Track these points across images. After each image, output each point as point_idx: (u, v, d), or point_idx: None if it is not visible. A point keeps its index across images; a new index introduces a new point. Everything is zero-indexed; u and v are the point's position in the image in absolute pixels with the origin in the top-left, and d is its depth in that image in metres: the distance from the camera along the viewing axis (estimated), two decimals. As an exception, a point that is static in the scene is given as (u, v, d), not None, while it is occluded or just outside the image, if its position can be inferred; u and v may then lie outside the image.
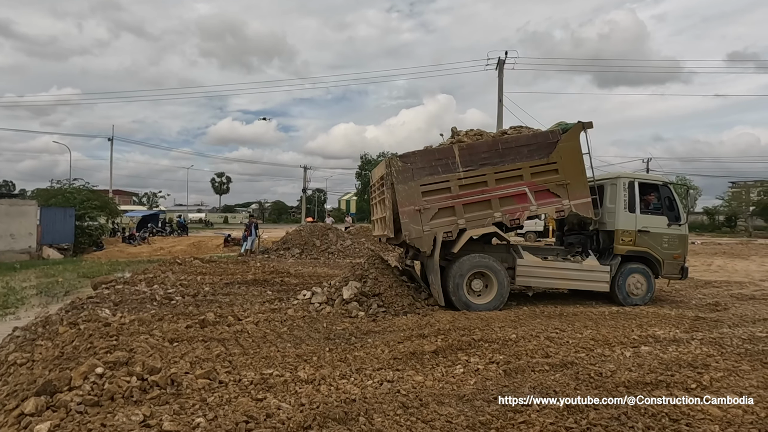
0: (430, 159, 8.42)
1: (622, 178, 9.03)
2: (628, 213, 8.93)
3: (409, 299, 8.23)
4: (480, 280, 8.49)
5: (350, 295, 8.10)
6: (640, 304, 8.90)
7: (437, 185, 8.36)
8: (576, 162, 8.74)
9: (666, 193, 9.24)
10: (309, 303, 8.42)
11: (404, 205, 8.23)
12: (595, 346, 5.89)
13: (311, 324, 7.04)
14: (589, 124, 8.85)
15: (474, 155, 8.51)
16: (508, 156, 8.59)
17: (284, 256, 18.13)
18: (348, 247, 19.00)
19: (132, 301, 8.47)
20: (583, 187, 8.73)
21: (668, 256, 9.09)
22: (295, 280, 11.87)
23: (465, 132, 9.28)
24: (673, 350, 5.74)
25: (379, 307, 7.87)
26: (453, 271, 8.28)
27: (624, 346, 5.95)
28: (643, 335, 6.47)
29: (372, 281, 8.42)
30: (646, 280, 9.04)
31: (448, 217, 8.38)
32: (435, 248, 8.22)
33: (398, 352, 5.48)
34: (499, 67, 28.17)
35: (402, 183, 8.26)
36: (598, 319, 7.58)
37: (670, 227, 9.11)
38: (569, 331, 6.70)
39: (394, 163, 8.28)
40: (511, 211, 8.55)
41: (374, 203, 9.76)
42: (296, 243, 18.88)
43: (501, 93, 27.96)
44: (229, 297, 9.25)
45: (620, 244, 8.92)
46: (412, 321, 7.23)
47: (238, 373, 4.68)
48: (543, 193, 8.67)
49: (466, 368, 4.98)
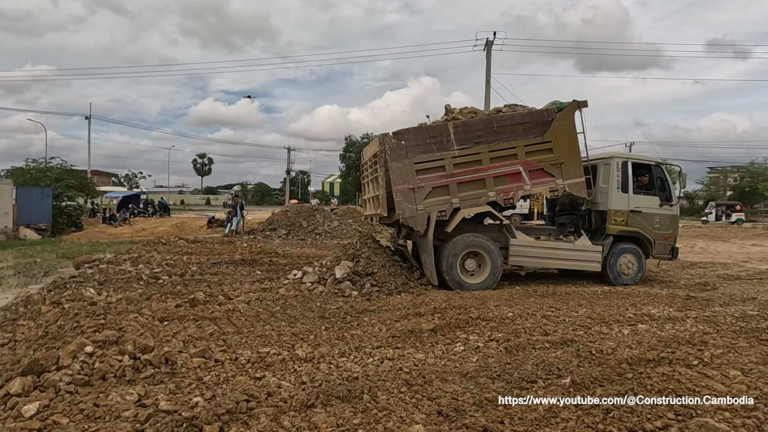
0: (425, 136, 8.26)
1: (615, 158, 8.99)
2: (620, 193, 8.91)
3: (402, 278, 8.13)
4: (473, 259, 8.43)
5: (343, 275, 7.97)
6: (631, 284, 8.95)
7: (431, 163, 8.22)
8: (571, 141, 8.67)
9: (658, 173, 9.23)
10: (300, 282, 8.27)
11: (398, 184, 8.08)
12: (592, 324, 5.87)
13: (304, 303, 6.90)
14: (584, 103, 8.77)
15: (469, 133, 8.37)
16: (503, 134, 8.47)
17: (270, 236, 17.89)
18: (335, 228, 18.82)
19: (117, 281, 8.22)
20: (577, 166, 8.68)
21: (659, 236, 9.13)
22: (284, 260, 11.69)
23: (459, 110, 9.12)
24: (669, 328, 5.75)
25: (372, 286, 7.76)
26: (446, 251, 8.19)
27: (620, 324, 5.94)
28: (638, 314, 6.48)
29: (365, 261, 8.29)
30: (637, 260, 9.08)
31: (442, 196, 8.26)
32: (429, 227, 8.11)
33: (396, 331, 5.38)
34: (487, 48, 27.87)
35: (395, 161, 8.10)
36: (591, 298, 7.58)
37: (662, 208, 9.13)
38: (564, 309, 6.68)
39: (387, 140, 8.10)
40: (506, 190, 8.47)
41: (366, 182, 9.59)
42: (282, 224, 18.64)
43: (489, 74, 27.74)
44: (218, 276, 9.05)
45: (612, 224, 8.91)
46: (407, 300, 7.14)
47: (233, 351, 4.54)
48: (537, 173, 8.59)
49: (466, 346, 4.90)
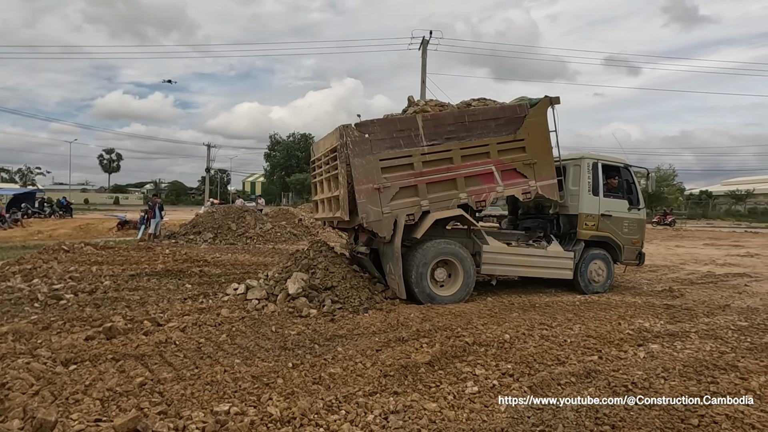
0: (392, 130, 7.26)
1: (586, 158, 8.50)
2: (591, 196, 8.43)
3: (366, 292, 7.06)
4: (443, 268, 7.54)
5: (297, 290, 6.75)
6: (601, 292, 8.50)
7: (399, 160, 7.23)
8: (543, 140, 8.06)
9: (626, 175, 8.89)
10: (245, 299, 6.95)
11: (361, 183, 7.01)
12: (598, 346, 5.16)
13: (256, 328, 5.63)
14: (556, 100, 8.17)
15: (439, 128, 7.48)
16: (474, 130, 7.68)
17: (195, 241, 16.02)
18: (268, 231, 17.27)
19: (3, 303, 6.44)
20: (549, 167, 8.08)
21: (628, 241, 8.78)
22: (216, 269, 10.17)
23: (425, 101, 8.23)
24: (680, 347, 5.17)
25: (333, 303, 6.62)
26: (416, 260, 7.23)
27: (627, 343, 5.28)
28: (634, 329, 5.89)
29: (322, 272, 7.13)
30: (607, 267, 8.66)
31: (410, 198, 7.30)
32: (396, 233, 7.12)
33: (384, 366, 4.32)
34: (422, 47, 27.42)
35: (359, 156, 7.02)
36: (574, 310, 6.95)
37: (630, 211, 8.79)
38: (557, 326, 5.95)
39: (349, 132, 7.01)
40: (477, 191, 7.67)
41: (318, 181, 8.40)
42: (208, 226, 16.79)
43: (424, 74, 27.25)
44: (139, 293, 7.46)
45: (584, 229, 8.41)
46: (378, 319, 6.09)
47: (177, 414, 3.25)
48: (510, 173, 7.89)
49: (480, 385, 3.95)
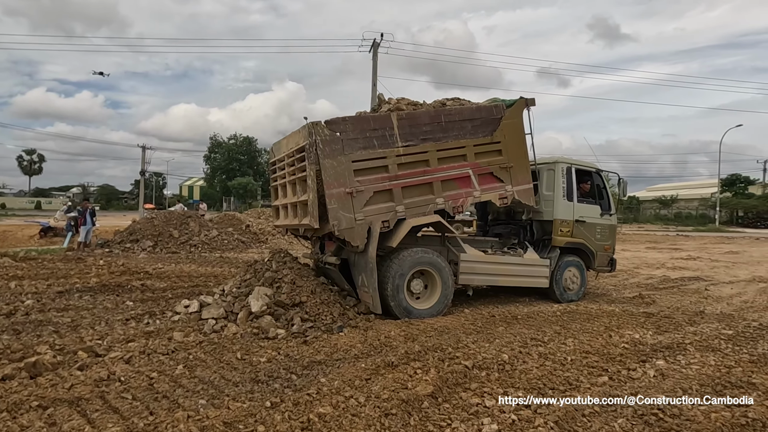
0: (365, 128, 6.64)
1: (560, 163, 8.24)
2: (566, 201, 8.18)
3: (338, 308, 6.38)
4: (419, 279, 6.99)
5: (261, 307, 5.97)
6: (575, 300, 8.26)
7: (372, 162, 6.63)
8: (519, 143, 7.73)
9: (598, 180, 8.73)
10: (199, 319, 6.08)
11: (332, 186, 6.34)
12: (601, 363, 4.78)
13: (217, 355, 4.82)
14: (531, 101, 7.87)
15: (415, 127, 6.95)
16: (451, 131, 7.21)
17: (132, 250, 14.61)
18: (214, 238, 16.08)
19: None
20: (525, 171, 7.75)
21: (600, 247, 8.60)
22: (161, 282, 9.11)
23: (396, 100, 7.66)
24: (684, 362, 4.88)
25: (303, 321, 5.89)
26: (392, 271, 6.63)
27: (629, 359, 4.93)
28: (627, 342, 5.57)
29: (288, 286, 6.37)
30: (581, 274, 8.44)
31: (385, 203, 6.70)
32: (370, 242, 6.49)
33: (381, 401, 3.68)
34: (373, 49, 26.98)
35: (329, 157, 6.35)
36: (559, 321, 6.59)
37: (603, 217, 8.62)
38: (549, 341, 5.54)
39: (319, 130, 6.32)
40: (454, 196, 7.20)
41: (280, 184, 7.62)
42: (147, 234, 15.38)
43: (375, 76, 26.83)
44: (70, 314, 6.39)
45: (558, 235, 8.13)
46: (357, 339, 5.44)
47: (134, 489, 2.47)
48: (486, 177, 7.49)
49: (498, 421, 3.40)
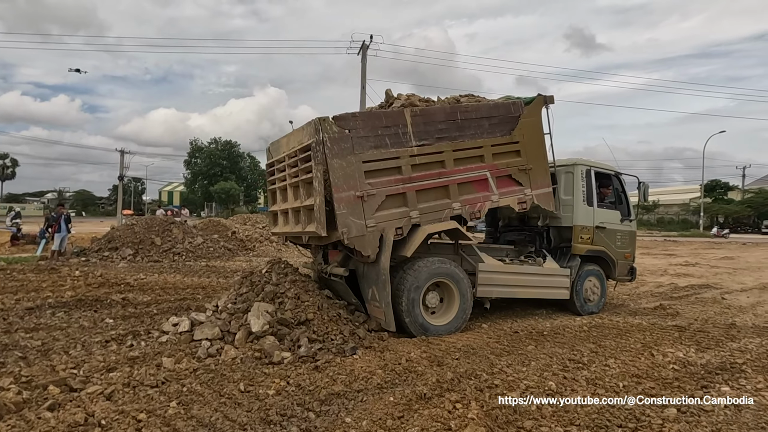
0: (376, 126, 6.00)
1: (579, 165, 7.69)
2: (586, 206, 7.62)
3: (348, 326, 5.69)
4: (435, 292, 6.35)
5: (263, 326, 5.25)
6: (595, 312, 7.71)
7: (385, 163, 5.98)
8: (539, 143, 7.17)
9: (617, 184, 8.21)
10: (191, 340, 5.33)
11: (341, 190, 5.67)
12: (659, 391, 4.19)
13: (217, 387, 4.09)
14: (551, 99, 7.32)
15: (429, 125, 6.34)
16: (467, 129, 6.62)
17: (111, 258, 13.67)
18: (199, 245, 15.21)
19: None
20: (545, 173, 7.20)
21: (621, 255, 8.06)
22: (144, 295, 8.30)
23: (407, 95, 7.02)
24: (751, 388, 4.32)
25: (311, 342, 5.19)
26: (407, 283, 5.98)
27: (688, 385, 4.35)
28: (674, 362, 5.01)
29: (292, 302, 5.66)
30: (601, 284, 7.88)
31: (398, 208, 6.06)
32: (382, 251, 5.83)
33: (426, 449, 3.02)
34: (362, 51, 26.37)
35: (338, 157, 5.68)
36: (589, 338, 6.02)
37: (623, 223, 8.10)
38: (590, 363, 4.95)
39: (326, 127, 5.65)
40: (472, 201, 6.59)
41: (279, 187, 6.92)
42: (128, 241, 14.44)
43: (364, 79, 26.17)
44: (40, 335, 5.57)
45: (579, 243, 7.57)
46: (375, 363, 4.75)
47: None
48: (504, 180, 6.90)
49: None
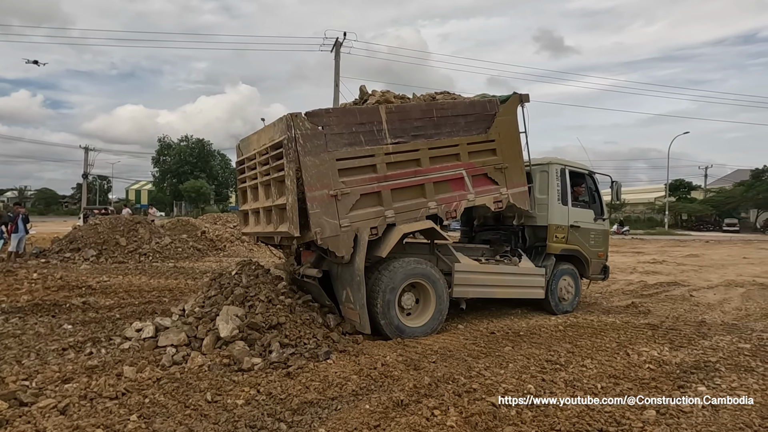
0: (351, 122, 5.83)
1: (554, 164, 7.68)
2: (561, 205, 7.62)
3: (322, 330, 5.51)
4: (411, 293, 6.23)
5: (232, 331, 5.02)
6: (570, 311, 7.72)
7: (359, 161, 5.82)
8: (514, 141, 7.12)
9: (590, 183, 8.24)
10: (155, 347, 5.05)
11: (314, 188, 5.48)
12: (637, 392, 4.15)
13: (182, 397, 3.85)
14: (526, 97, 7.28)
15: (405, 122, 6.20)
16: (443, 127, 6.51)
17: (73, 259, 13.09)
18: (167, 246, 14.73)
19: None
20: (520, 172, 7.14)
21: (594, 254, 8.10)
22: (106, 299, 7.92)
23: (381, 92, 6.87)
24: (726, 387, 4.32)
25: (283, 347, 4.98)
26: (382, 284, 5.83)
27: (665, 385, 4.34)
28: (649, 361, 5.00)
29: (263, 305, 5.45)
30: (575, 283, 7.90)
31: (373, 207, 5.91)
32: (357, 251, 5.67)
33: (404, 461, 2.87)
34: (335, 48, 26.12)
35: (311, 154, 5.50)
36: (565, 337, 5.99)
37: (596, 222, 8.13)
38: (567, 364, 4.90)
39: (299, 123, 5.45)
40: (448, 200, 6.49)
41: (250, 186, 6.68)
42: (90, 242, 13.86)
43: (337, 77, 25.95)
44: (-10, 344, 5.21)
45: (554, 242, 7.56)
46: (349, 368, 4.59)
47: None
48: (480, 179, 6.82)
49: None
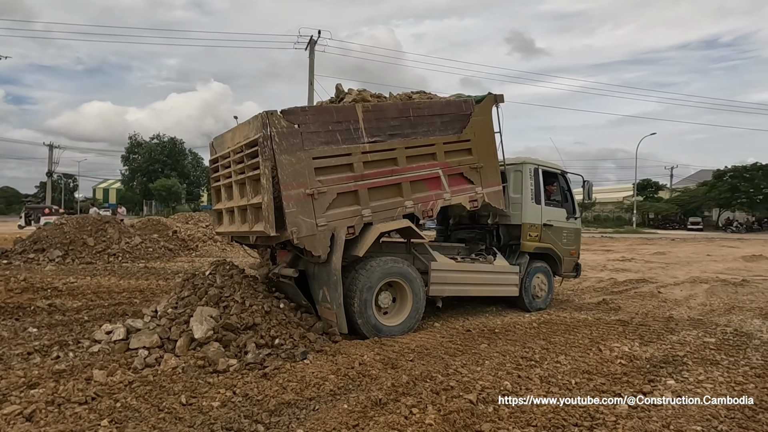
0: (327, 121, 5.80)
1: (527, 164, 7.80)
2: (534, 204, 7.75)
3: (298, 330, 5.46)
4: (388, 292, 6.24)
5: (206, 332, 4.93)
6: (543, 308, 7.86)
7: (336, 160, 5.80)
8: (489, 141, 7.20)
9: (563, 182, 8.40)
10: (126, 349, 4.92)
11: (290, 187, 5.43)
12: (610, 386, 4.26)
13: (154, 400, 3.76)
14: (500, 97, 7.37)
15: (382, 121, 6.21)
16: (420, 126, 6.53)
17: (37, 260, 12.63)
18: (137, 246, 14.36)
19: None
20: (495, 172, 7.24)
21: (567, 252, 8.26)
22: (74, 301, 7.67)
23: (357, 91, 6.85)
24: (694, 380, 4.46)
25: (258, 348, 4.92)
26: (359, 283, 5.82)
27: (636, 380, 4.45)
28: (621, 356, 5.14)
29: (238, 306, 5.36)
30: (548, 281, 8.05)
31: (350, 206, 5.89)
32: (333, 251, 5.64)
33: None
34: (310, 46, 25.98)
35: (287, 153, 5.44)
36: (539, 334, 6.09)
37: (568, 221, 8.30)
38: (542, 360, 4.99)
39: (274, 121, 5.39)
40: (424, 199, 6.52)
41: (224, 185, 6.57)
42: (56, 242, 13.40)
43: (312, 75, 25.82)
44: (-50, 350, 4.98)
45: (527, 240, 7.68)
46: (327, 368, 4.56)
47: None
48: (456, 178, 6.88)
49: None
